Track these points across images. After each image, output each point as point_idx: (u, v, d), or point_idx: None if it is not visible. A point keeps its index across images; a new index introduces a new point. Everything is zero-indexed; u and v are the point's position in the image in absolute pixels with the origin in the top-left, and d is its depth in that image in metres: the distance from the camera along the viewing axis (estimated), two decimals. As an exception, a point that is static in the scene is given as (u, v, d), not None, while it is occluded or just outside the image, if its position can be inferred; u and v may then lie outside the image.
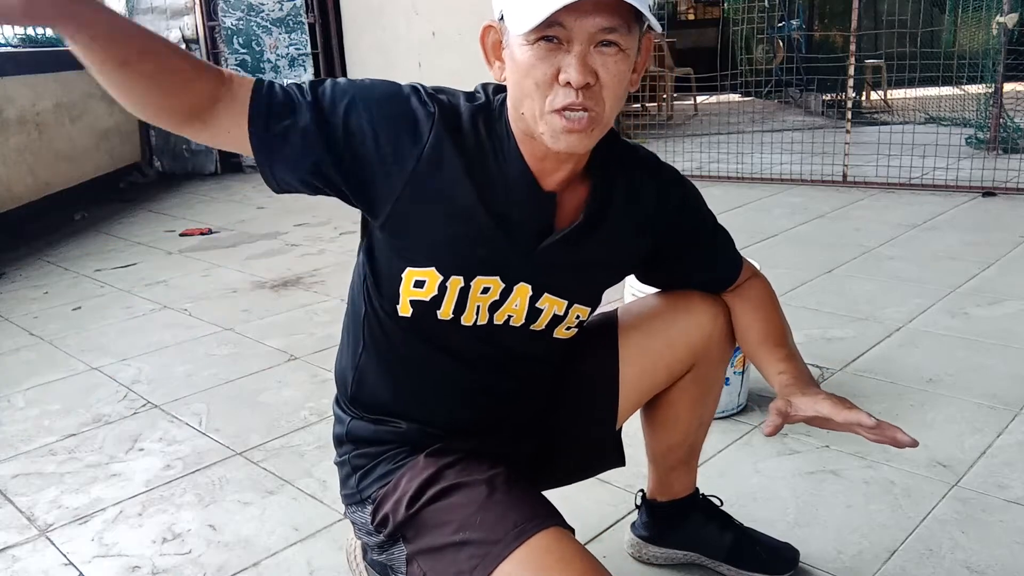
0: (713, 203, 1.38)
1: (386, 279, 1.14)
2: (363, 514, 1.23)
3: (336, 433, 1.30)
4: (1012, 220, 3.97)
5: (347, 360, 1.26)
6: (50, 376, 2.67)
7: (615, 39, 0.98)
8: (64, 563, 1.68)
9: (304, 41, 6.53)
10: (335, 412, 1.31)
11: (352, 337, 1.24)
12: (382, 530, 1.18)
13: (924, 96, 6.84)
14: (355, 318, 1.22)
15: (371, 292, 1.17)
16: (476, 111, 1.10)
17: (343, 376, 1.28)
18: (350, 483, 1.26)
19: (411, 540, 1.14)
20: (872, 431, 1.10)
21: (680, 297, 1.35)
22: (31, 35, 5.78)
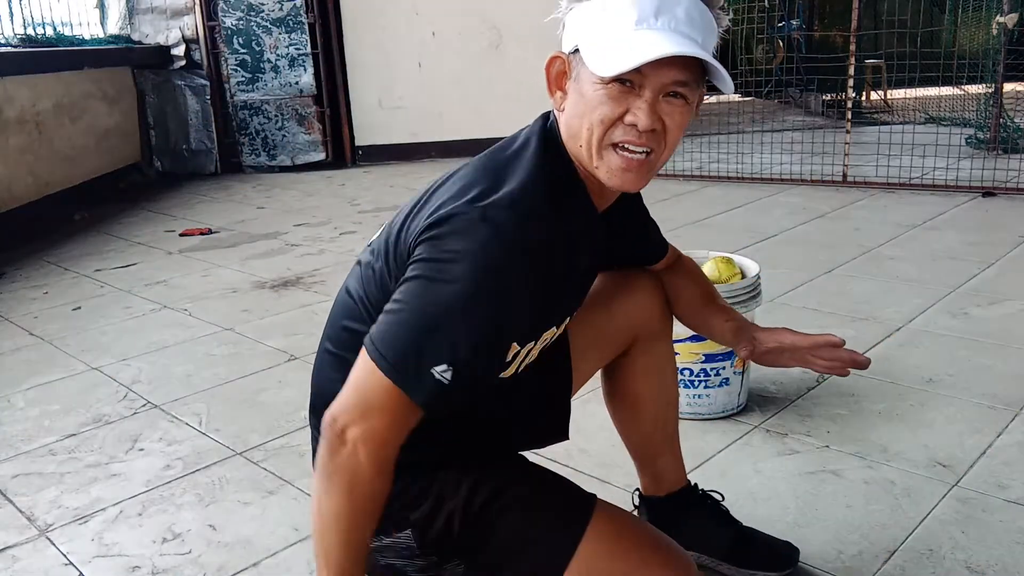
0: (713, 203, 1.39)
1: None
2: (398, 539, 1.15)
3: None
4: (1012, 220, 3.97)
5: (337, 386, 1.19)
6: (50, 376, 2.67)
7: (685, 92, 1.03)
8: (64, 563, 1.68)
9: (304, 41, 6.53)
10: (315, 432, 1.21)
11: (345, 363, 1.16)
12: (432, 551, 1.14)
13: (924, 96, 6.84)
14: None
15: None
16: (553, 185, 1.07)
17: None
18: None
19: (470, 553, 1.13)
20: (838, 351, 1.22)
21: (619, 274, 1.43)
22: (31, 35, 5.79)
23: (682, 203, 4.75)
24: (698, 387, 2.09)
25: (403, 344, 0.98)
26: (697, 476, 1.84)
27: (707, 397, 2.09)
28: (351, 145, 6.89)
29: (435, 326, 0.98)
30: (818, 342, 1.26)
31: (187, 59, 6.62)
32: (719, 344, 1.82)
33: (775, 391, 2.26)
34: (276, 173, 6.67)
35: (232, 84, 6.62)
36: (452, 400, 0.99)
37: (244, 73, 6.57)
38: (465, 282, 0.97)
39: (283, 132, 6.68)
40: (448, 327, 0.97)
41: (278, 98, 6.62)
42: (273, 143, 6.70)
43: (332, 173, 6.56)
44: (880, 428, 2.03)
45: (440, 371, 0.97)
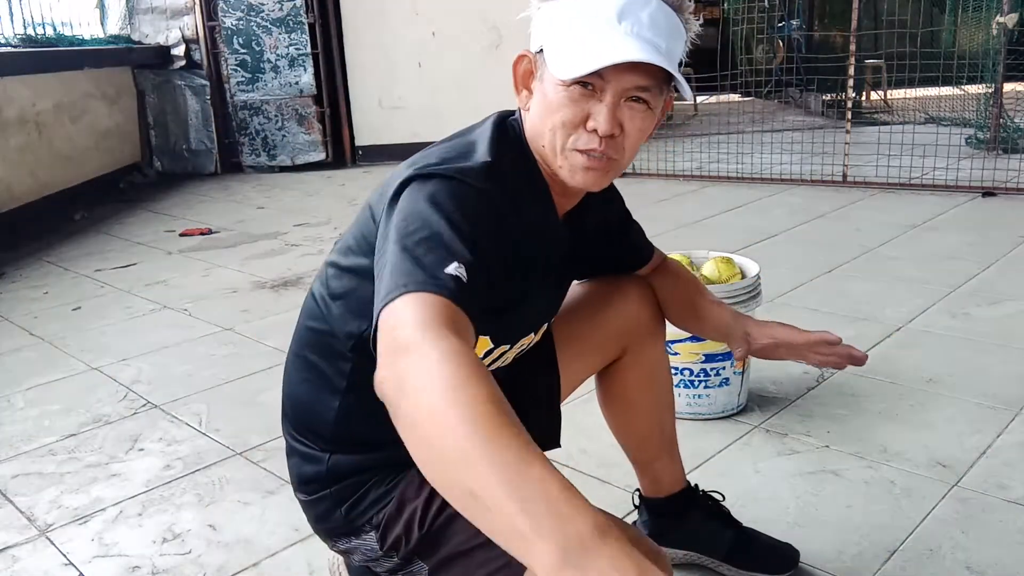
0: (713, 203, 1.39)
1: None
2: (364, 540, 1.16)
3: (305, 472, 1.20)
4: (1012, 220, 3.97)
5: (320, 401, 1.16)
6: (50, 376, 2.67)
7: (646, 97, 1.02)
8: (64, 563, 1.68)
9: (304, 41, 6.53)
10: (300, 451, 1.21)
11: (325, 378, 1.15)
12: (394, 553, 1.14)
13: (924, 96, 6.84)
14: (336, 359, 1.13)
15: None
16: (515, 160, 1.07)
17: (314, 416, 1.18)
18: (335, 516, 1.18)
19: (431, 555, 1.11)
20: (835, 347, 1.24)
21: (606, 281, 1.41)
22: (31, 35, 5.79)
23: (682, 203, 4.75)
24: (698, 387, 2.09)
25: (408, 268, 0.86)
26: (697, 476, 1.84)
27: (707, 397, 2.09)
28: (351, 145, 6.89)
29: (424, 241, 0.89)
30: (812, 339, 1.27)
31: (187, 59, 6.62)
32: (713, 341, 1.83)
33: (775, 391, 2.26)
34: (276, 173, 6.67)
35: (232, 84, 6.62)
36: (476, 301, 0.86)
37: (244, 73, 6.57)
38: (424, 205, 0.93)
39: (283, 132, 6.68)
40: (437, 234, 0.89)
41: (278, 98, 6.62)
42: (273, 143, 6.70)
43: (332, 173, 6.56)
44: (880, 428, 2.03)
45: (453, 268, 0.86)
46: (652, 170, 5.52)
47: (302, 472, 1.21)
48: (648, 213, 4.51)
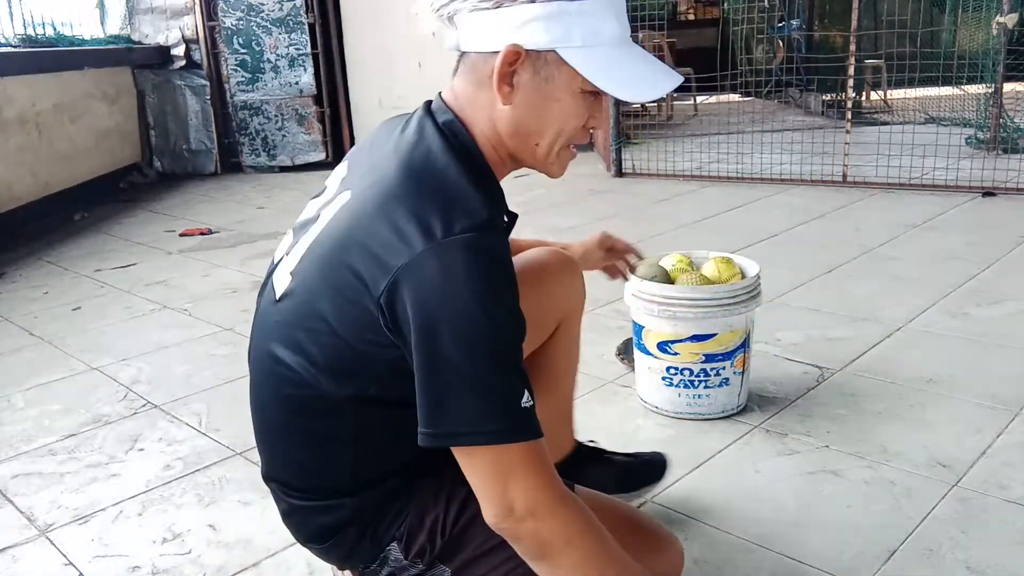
0: (713, 203, 1.40)
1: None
2: (388, 553, 1.15)
3: (323, 523, 1.16)
4: (1012, 220, 3.96)
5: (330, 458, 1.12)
6: (50, 376, 2.67)
7: None
8: (64, 563, 1.68)
9: (304, 41, 6.53)
10: (310, 507, 1.16)
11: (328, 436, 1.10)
12: (419, 561, 1.14)
13: (924, 96, 6.84)
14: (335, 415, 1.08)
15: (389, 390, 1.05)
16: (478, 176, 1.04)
17: (325, 474, 1.14)
18: (361, 547, 1.16)
19: (453, 558, 1.13)
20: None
21: (533, 261, 1.46)
22: (31, 35, 5.79)
23: (682, 203, 4.75)
24: (698, 387, 2.09)
25: (487, 405, 0.93)
26: (697, 476, 1.85)
27: (707, 397, 2.10)
28: (351, 145, 6.89)
29: (493, 369, 0.93)
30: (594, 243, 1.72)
31: (187, 59, 6.62)
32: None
33: (775, 391, 2.26)
34: (276, 173, 6.67)
35: (232, 84, 6.62)
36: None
37: (244, 73, 6.57)
38: (478, 315, 0.92)
39: (283, 132, 6.68)
40: (502, 361, 0.94)
41: (278, 98, 6.62)
42: (273, 143, 6.70)
43: (332, 173, 6.55)
44: (880, 428, 2.03)
45: (525, 400, 0.94)
46: (652, 170, 5.52)
47: (317, 524, 1.17)
48: (648, 213, 4.51)
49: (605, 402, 2.23)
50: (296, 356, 1.06)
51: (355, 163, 1.19)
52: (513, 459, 0.94)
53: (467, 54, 1.05)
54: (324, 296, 1.03)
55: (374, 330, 0.98)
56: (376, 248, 0.97)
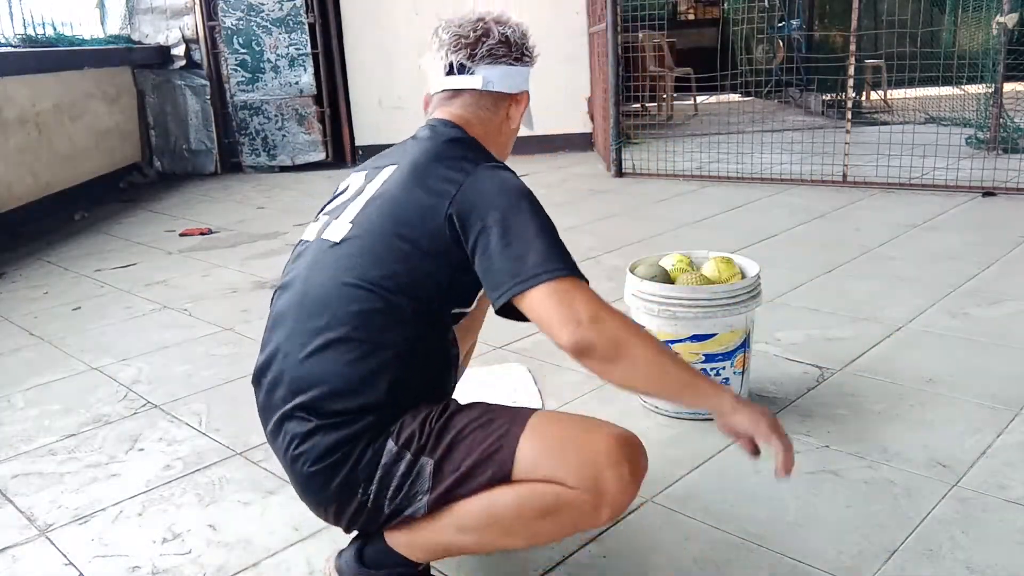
0: (713, 203, 1.41)
1: (463, 296, 1.40)
2: (385, 449, 1.30)
3: (343, 438, 1.29)
4: (1012, 220, 3.96)
5: (372, 373, 1.31)
6: (50, 376, 2.67)
7: None
8: (64, 563, 1.68)
9: (304, 41, 6.53)
10: (328, 424, 1.30)
11: (379, 350, 1.31)
12: (406, 451, 1.29)
13: (924, 96, 6.84)
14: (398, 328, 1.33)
15: (442, 298, 1.37)
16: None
17: (361, 391, 1.30)
18: (364, 460, 1.30)
19: (436, 447, 1.29)
20: None
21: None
22: (31, 35, 5.79)
23: (682, 203, 4.75)
24: (698, 387, 2.08)
25: (550, 250, 1.27)
26: (697, 476, 1.85)
27: (707, 397, 2.09)
28: (351, 145, 6.89)
29: (547, 229, 1.31)
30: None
31: (187, 59, 6.62)
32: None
33: (775, 391, 2.26)
34: (276, 173, 6.67)
35: (232, 84, 6.62)
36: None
37: (244, 73, 6.57)
38: (524, 195, 1.34)
39: (283, 132, 6.68)
40: (549, 225, 1.32)
41: (278, 98, 6.62)
42: (273, 143, 6.70)
43: (332, 173, 6.55)
44: (880, 428, 2.03)
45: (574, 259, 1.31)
46: (652, 170, 5.52)
47: (334, 440, 1.30)
48: (648, 213, 4.51)
49: (605, 402, 2.23)
50: (369, 277, 1.33)
51: (376, 161, 1.54)
52: (572, 288, 1.25)
53: (486, 92, 1.50)
54: (394, 229, 1.35)
55: (443, 242, 1.32)
56: (436, 185, 1.36)
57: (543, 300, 1.24)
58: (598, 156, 6.27)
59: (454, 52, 1.49)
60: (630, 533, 1.66)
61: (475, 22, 1.50)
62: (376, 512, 1.32)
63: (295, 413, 1.33)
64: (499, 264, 1.27)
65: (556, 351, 1.71)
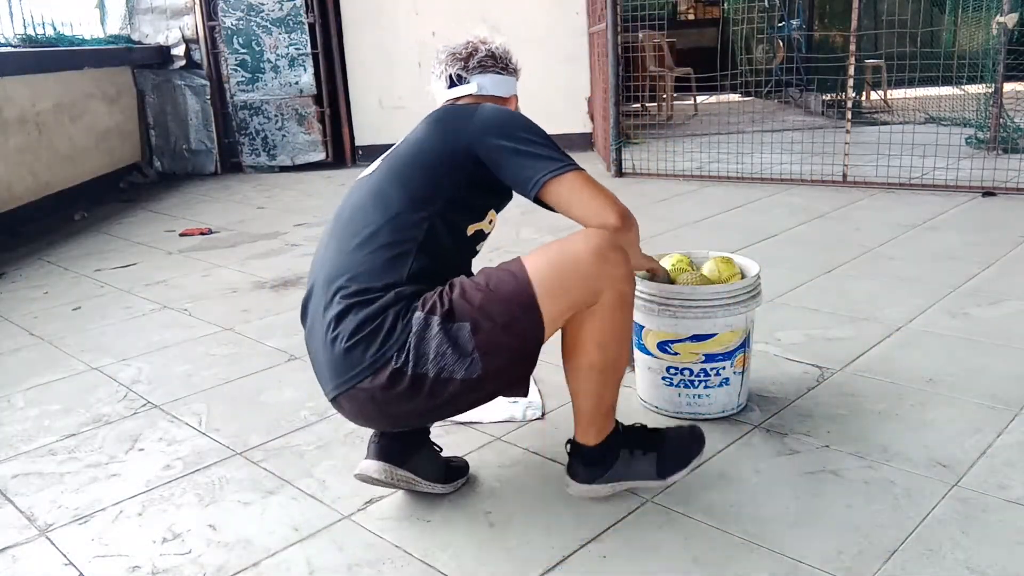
0: (713, 203, 1.41)
1: (475, 211, 1.69)
2: (413, 319, 1.51)
3: (373, 312, 1.52)
4: (1012, 220, 3.97)
5: (398, 256, 1.58)
6: (50, 376, 2.67)
7: None
8: (64, 563, 1.68)
9: (304, 41, 6.53)
10: (360, 301, 1.54)
11: (402, 241, 1.59)
12: (432, 317, 1.51)
13: (924, 96, 6.84)
14: (414, 228, 1.60)
15: (455, 213, 1.65)
16: None
17: (386, 274, 1.56)
18: (395, 330, 1.51)
19: (464, 311, 1.51)
20: None
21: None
22: (31, 35, 5.79)
23: (682, 203, 4.75)
24: (698, 387, 2.09)
25: (559, 151, 1.65)
26: (696, 476, 1.85)
27: (707, 397, 2.09)
28: (351, 145, 6.90)
29: (547, 140, 1.66)
30: None
31: (187, 59, 6.62)
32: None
33: (775, 391, 2.26)
34: (276, 173, 6.67)
35: (232, 84, 6.62)
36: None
37: (244, 73, 6.58)
38: (523, 117, 1.70)
39: (283, 132, 6.68)
40: (548, 138, 1.67)
41: (278, 98, 6.62)
42: (273, 143, 6.71)
43: (332, 173, 6.56)
44: (880, 428, 2.03)
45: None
46: (652, 170, 5.52)
47: (366, 315, 1.52)
48: (648, 213, 4.51)
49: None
50: (395, 189, 1.64)
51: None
52: (588, 177, 1.64)
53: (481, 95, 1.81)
54: (418, 153, 1.68)
55: (462, 159, 1.63)
56: (451, 121, 1.71)
57: (573, 191, 1.60)
58: (598, 156, 6.27)
59: (450, 66, 1.80)
60: (630, 533, 1.66)
61: (465, 43, 1.82)
62: (419, 381, 1.49)
63: (331, 301, 1.57)
64: (528, 162, 1.60)
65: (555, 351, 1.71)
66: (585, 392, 1.67)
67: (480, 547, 1.64)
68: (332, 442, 2.11)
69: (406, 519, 1.75)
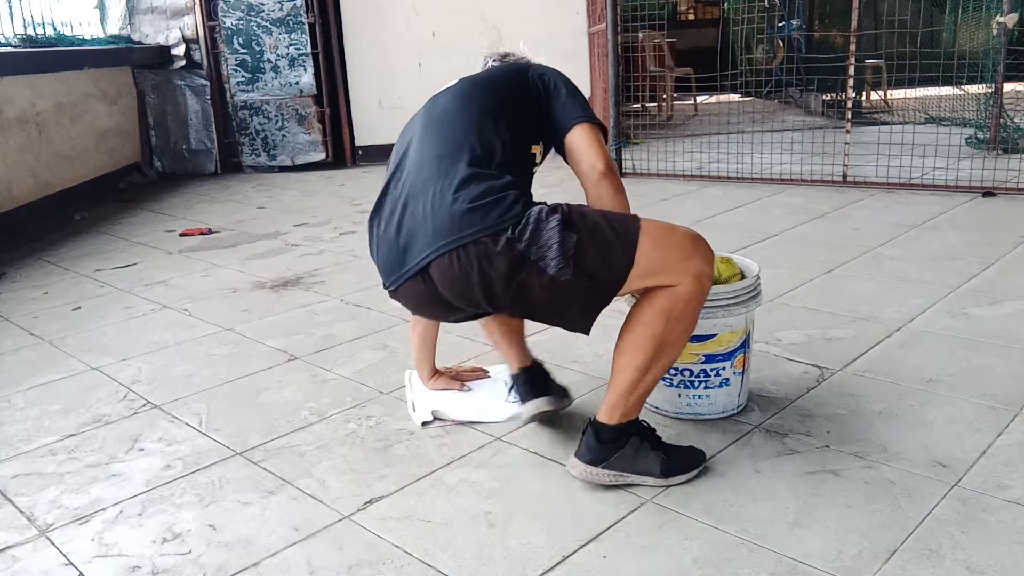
0: (713, 203, 1.40)
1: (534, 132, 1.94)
2: (532, 212, 1.67)
3: (497, 185, 1.71)
4: (1012, 220, 3.96)
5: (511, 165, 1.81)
6: (50, 376, 2.67)
7: None
8: (64, 563, 1.68)
9: (304, 41, 6.53)
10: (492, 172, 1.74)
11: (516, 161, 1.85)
12: (553, 215, 1.66)
13: (924, 96, 6.84)
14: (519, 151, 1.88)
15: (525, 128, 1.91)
16: None
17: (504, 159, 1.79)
18: (514, 209, 1.67)
19: (579, 226, 1.68)
20: None
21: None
22: (31, 35, 5.79)
23: (682, 203, 4.75)
24: (698, 387, 2.09)
25: (591, 110, 1.94)
26: (697, 476, 1.85)
27: (707, 397, 2.10)
28: (351, 145, 6.90)
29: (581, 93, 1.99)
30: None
31: (187, 59, 6.62)
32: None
33: (775, 391, 2.26)
34: (276, 173, 6.67)
35: (232, 84, 6.62)
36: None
37: (244, 73, 6.58)
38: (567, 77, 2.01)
39: (283, 132, 6.68)
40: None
41: (278, 98, 6.62)
42: (273, 143, 6.71)
43: (332, 173, 6.56)
44: (880, 428, 2.03)
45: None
46: (652, 170, 5.52)
47: (488, 186, 1.70)
48: (648, 213, 4.49)
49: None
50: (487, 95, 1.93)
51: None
52: (600, 135, 1.92)
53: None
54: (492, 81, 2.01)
55: (528, 90, 1.94)
56: (513, 65, 2.12)
57: (589, 135, 1.88)
58: (598, 156, 6.26)
59: (492, 60, 2.16)
60: (630, 533, 1.66)
61: (507, 51, 2.19)
62: (522, 259, 1.64)
63: (453, 167, 1.74)
64: (569, 103, 1.91)
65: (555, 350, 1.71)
66: (631, 365, 1.76)
67: (480, 547, 1.64)
68: (332, 442, 2.11)
69: (406, 519, 1.75)
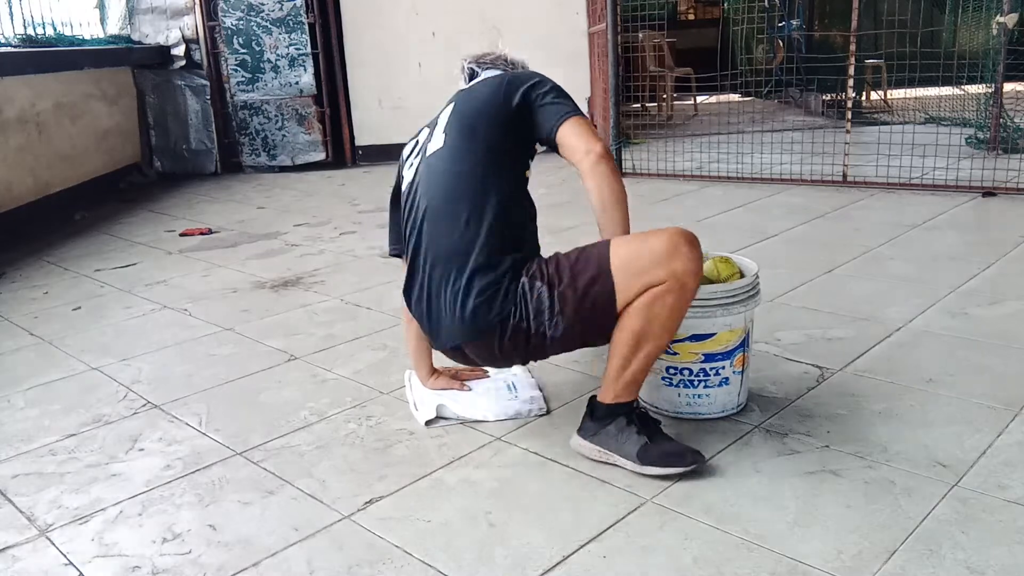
0: (713, 203, 1.39)
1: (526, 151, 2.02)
2: (523, 284, 1.84)
3: (493, 278, 1.83)
4: (1012, 220, 3.96)
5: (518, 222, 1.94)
6: (50, 376, 2.67)
7: None
8: (64, 563, 1.68)
9: (304, 41, 6.53)
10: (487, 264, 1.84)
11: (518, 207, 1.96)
12: (536, 281, 1.83)
13: (924, 96, 6.84)
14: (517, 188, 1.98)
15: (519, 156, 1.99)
16: None
17: (513, 237, 1.90)
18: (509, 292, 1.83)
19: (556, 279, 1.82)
20: None
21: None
22: (31, 35, 5.79)
23: (682, 203, 4.75)
24: (698, 387, 2.09)
25: (572, 103, 1.97)
26: (696, 476, 1.85)
27: (707, 397, 2.10)
28: (351, 145, 6.90)
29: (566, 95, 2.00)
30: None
31: (187, 59, 6.62)
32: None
33: (775, 391, 2.26)
34: (276, 173, 6.67)
35: (232, 84, 6.63)
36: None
37: (244, 73, 6.58)
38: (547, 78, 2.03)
39: (283, 132, 6.69)
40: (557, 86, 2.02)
41: (278, 98, 6.62)
42: (273, 143, 6.71)
43: (332, 173, 6.56)
44: (880, 428, 2.03)
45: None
46: (652, 170, 5.52)
47: (486, 283, 1.83)
48: (648, 213, 4.51)
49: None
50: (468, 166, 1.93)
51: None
52: (588, 122, 1.96)
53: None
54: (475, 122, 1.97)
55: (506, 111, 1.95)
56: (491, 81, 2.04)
57: (575, 129, 1.90)
58: (598, 156, 6.26)
59: (469, 64, 2.19)
60: (630, 533, 1.66)
61: (483, 51, 2.23)
62: (527, 335, 1.83)
63: (458, 274, 1.86)
64: (551, 108, 1.93)
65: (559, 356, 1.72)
66: (617, 354, 1.85)
67: (480, 547, 1.64)
68: (332, 442, 2.11)
69: (406, 519, 1.75)
